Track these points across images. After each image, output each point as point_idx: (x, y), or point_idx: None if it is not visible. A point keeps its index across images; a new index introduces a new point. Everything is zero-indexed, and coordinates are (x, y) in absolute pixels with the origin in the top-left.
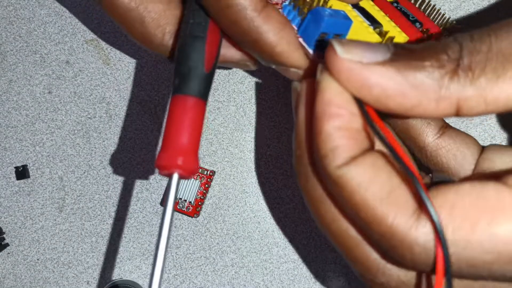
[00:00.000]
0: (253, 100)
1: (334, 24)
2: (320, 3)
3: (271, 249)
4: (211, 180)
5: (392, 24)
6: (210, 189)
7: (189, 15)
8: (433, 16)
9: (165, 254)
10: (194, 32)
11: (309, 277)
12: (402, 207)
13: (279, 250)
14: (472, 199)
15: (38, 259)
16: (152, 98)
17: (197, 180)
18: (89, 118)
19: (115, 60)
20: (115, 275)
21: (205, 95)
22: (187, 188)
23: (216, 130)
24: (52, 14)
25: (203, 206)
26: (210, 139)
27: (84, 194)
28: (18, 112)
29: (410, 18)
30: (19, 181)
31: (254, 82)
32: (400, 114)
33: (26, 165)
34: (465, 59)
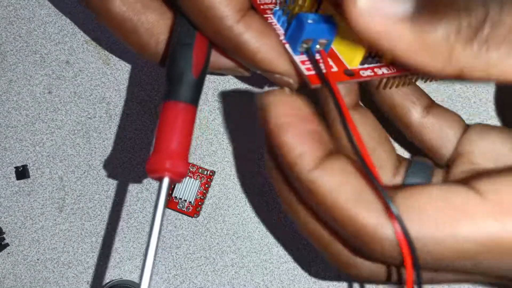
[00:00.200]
0: (253, 100)
1: (317, 30)
2: (310, 8)
3: (271, 249)
4: (211, 180)
5: None
6: (210, 189)
7: (178, 25)
8: None
9: (155, 257)
10: (182, 40)
11: (309, 277)
12: (372, 207)
13: (279, 250)
14: (439, 202)
15: (38, 259)
16: (152, 98)
17: (197, 180)
18: (89, 118)
19: (115, 60)
20: (115, 275)
21: (195, 100)
22: (187, 188)
23: (216, 130)
24: (52, 14)
25: (203, 206)
26: (210, 139)
27: (84, 194)
28: (18, 112)
29: None
30: (19, 181)
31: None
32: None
33: (26, 165)
34: (486, 30)
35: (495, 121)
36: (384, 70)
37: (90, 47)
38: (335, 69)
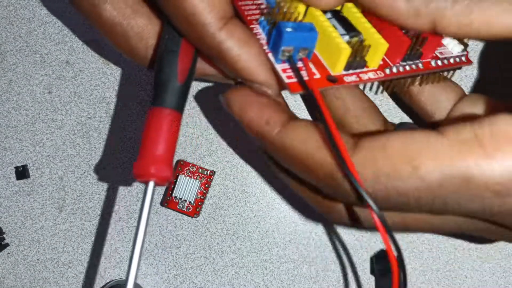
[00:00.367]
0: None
1: (296, 38)
2: (294, 16)
3: (271, 249)
4: (211, 180)
5: (373, 31)
6: (210, 189)
7: (165, 32)
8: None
9: (139, 260)
10: (168, 47)
11: (309, 277)
12: (329, 154)
13: (279, 250)
14: (400, 141)
15: (38, 259)
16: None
17: (197, 180)
18: (89, 118)
19: (115, 60)
20: (115, 275)
21: (180, 107)
22: (187, 188)
23: (216, 130)
24: (52, 14)
25: (203, 206)
26: (210, 139)
27: (84, 194)
28: (18, 112)
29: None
30: (19, 181)
31: None
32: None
33: (26, 165)
34: None
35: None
36: (371, 75)
37: (90, 47)
38: (318, 76)
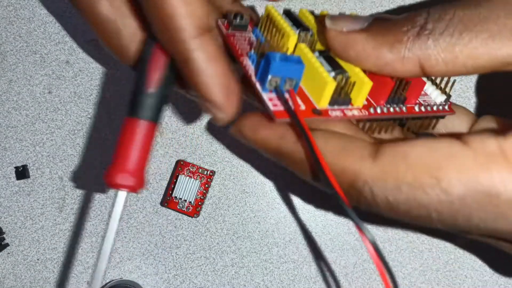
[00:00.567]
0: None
1: (284, 68)
2: (283, 50)
3: (271, 249)
4: (211, 180)
5: (358, 70)
6: (210, 189)
7: (147, 42)
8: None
9: (107, 265)
10: (142, 55)
11: (309, 277)
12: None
13: (279, 250)
14: (425, 149)
15: (38, 259)
16: None
17: (197, 180)
18: (89, 118)
19: (115, 60)
20: (115, 275)
21: (152, 117)
22: (187, 188)
23: (216, 130)
24: (52, 14)
25: (203, 206)
26: (210, 139)
27: (84, 194)
28: (18, 112)
29: None
30: (19, 181)
31: None
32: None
33: (26, 165)
34: (429, 25)
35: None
36: (355, 112)
37: (90, 47)
38: (303, 108)
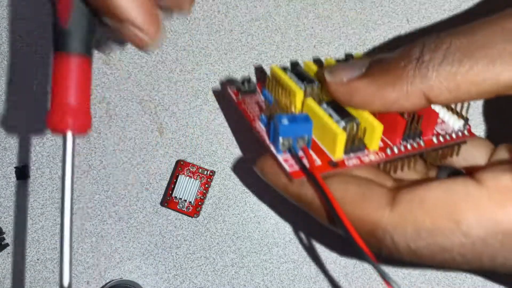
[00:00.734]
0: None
1: (293, 129)
2: (291, 109)
3: (271, 249)
4: (211, 180)
5: (366, 115)
6: (210, 189)
7: None
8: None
9: (71, 230)
10: None
11: (309, 277)
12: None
13: (279, 250)
14: (440, 193)
15: (38, 259)
16: (152, 98)
17: (197, 180)
18: None
19: (115, 60)
20: (115, 275)
21: (78, 48)
22: (187, 188)
23: (216, 130)
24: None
25: (203, 206)
26: (210, 139)
27: (84, 194)
28: (18, 112)
29: None
30: (19, 181)
31: None
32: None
33: (26, 165)
34: (426, 56)
35: (496, 123)
36: (372, 157)
37: None
38: (319, 162)
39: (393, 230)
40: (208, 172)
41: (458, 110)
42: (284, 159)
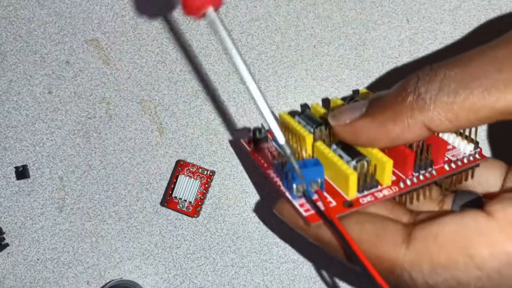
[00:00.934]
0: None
1: (304, 175)
2: (302, 155)
3: (271, 249)
4: (211, 180)
5: (375, 152)
6: (210, 189)
7: None
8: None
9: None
10: None
11: (309, 277)
12: None
13: (279, 250)
14: (453, 228)
15: (38, 259)
16: (152, 98)
17: (197, 180)
18: (89, 118)
19: (115, 60)
20: (115, 275)
21: None
22: (187, 188)
23: (216, 130)
24: (52, 14)
25: (203, 206)
26: (210, 139)
27: (84, 194)
28: (18, 112)
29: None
30: (19, 181)
31: None
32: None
33: (26, 165)
34: (421, 88)
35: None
36: (385, 192)
37: (90, 47)
38: (334, 204)
39: (410, 268)
40: (208, 172)
41: (467, 134)
42: (300, 204)
